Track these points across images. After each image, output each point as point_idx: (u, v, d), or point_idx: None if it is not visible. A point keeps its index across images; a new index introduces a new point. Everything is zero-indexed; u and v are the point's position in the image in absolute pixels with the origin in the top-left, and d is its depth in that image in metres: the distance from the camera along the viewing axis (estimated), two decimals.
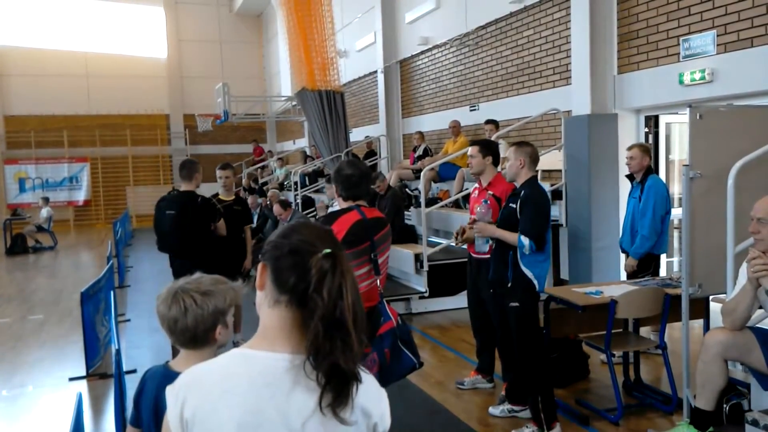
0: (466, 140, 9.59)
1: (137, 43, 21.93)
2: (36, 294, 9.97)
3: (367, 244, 3.28)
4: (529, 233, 3.91)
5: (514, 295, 4.02)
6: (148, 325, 7.28)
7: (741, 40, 5.79)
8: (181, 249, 5.39)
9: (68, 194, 21.22)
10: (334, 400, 1.22)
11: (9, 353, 6.66)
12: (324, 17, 12.51)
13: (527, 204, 3.97)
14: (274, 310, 1.30)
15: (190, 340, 1.96)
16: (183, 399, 1.24)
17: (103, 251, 13.31)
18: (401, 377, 3.42)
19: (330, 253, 1.27)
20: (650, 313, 4.44)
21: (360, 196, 3.42)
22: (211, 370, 1.27)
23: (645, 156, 5.34)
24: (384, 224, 3.44)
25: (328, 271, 1.25)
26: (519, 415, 4.41)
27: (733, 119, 4.26)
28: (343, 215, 3.33)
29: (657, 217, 5.21)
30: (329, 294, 1.23)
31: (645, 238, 5.23)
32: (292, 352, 1.26)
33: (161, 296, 1.98)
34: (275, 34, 20.78)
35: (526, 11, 8.75)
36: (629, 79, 7.07)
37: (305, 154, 16.98)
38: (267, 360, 1.25)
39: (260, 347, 1.28)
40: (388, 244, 3.46)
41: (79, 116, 21.21)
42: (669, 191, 5.50)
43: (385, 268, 3.43)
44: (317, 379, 1.21)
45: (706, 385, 3.64)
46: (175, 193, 5.61)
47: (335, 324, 1.23)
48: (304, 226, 1.37)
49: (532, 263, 3.99)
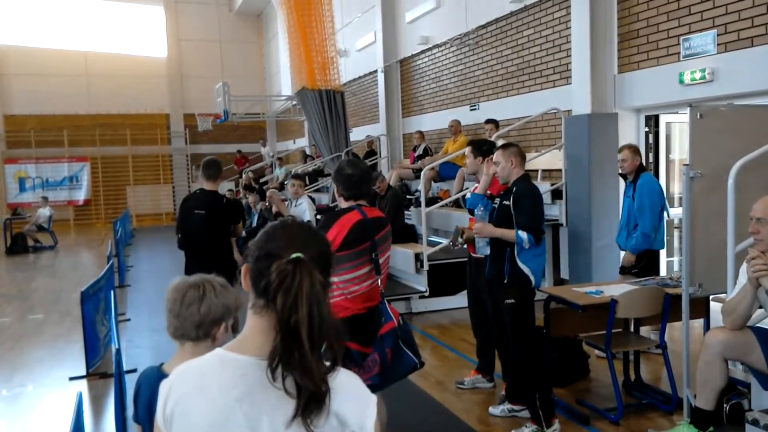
0: (466, 140, 9.58)
1: (137, 43, 21.93)
2: (36, 293, 9.97)
3: (367, 244, 3.28)
4: (527, 227, 3.94)
5: (511, 291, 4.03)
6: (149, 324, 7.28)
7: (741, 39, 5.78)
8: (207, 248, 5.36)
9: (68, 194, 21.23)
10: (303, 410, 1.18)
11: (9, 353, 6.66)
12: (324, 16, 12.51)
13: (522, 199, 4.00)
14: (253, 312, 1.30)
15: (194, 327, 1.96)
16: (167, 395, 1.27)
17: (103, 251, 13.31)
18: (402, 377, 3.42)
19: (294, 259, 1.23)
20: (650, 312, 4.45)
21: (360, 195, 3.42)
22: (191, 368, 1.29)
23: (636, 156, 5.44)
24: (385, 224, 3.44)
25: (287, 278, 1.21)
26: (519, 415, 4.41)
27: (733, 119, 4.26)
28: (344, 215, 3.33)
29: (654, 213, 5.30)
30: (284, 303, 1.19)
31: (646, 236, 5.30)
32: (262, 357, 1.23)
33: (176, 284, 2.00)
34: (275, 33, 20.78)
35: (526, 11, 8.74)
36: (629, 78, 7.07)
37: (305, 153, 16.98)
38: (239, 362, 1.25)
39: (235, 349, 1.28)
40: (388, 244, 3.46)
41: (79, 116, 21.22)
42: (661, 187, 5.60)
43: (386, 267, 3.43)
44: (284, 388, 1.19)
45: (706, 385, 3.64)
46: (200, 193, 5.57)
47: (290, 334, 1.19)
48: (282, 228, 1.34)
49: (529, 258, 4.01)
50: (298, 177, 7.08)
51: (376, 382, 3.15)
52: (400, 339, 3.26)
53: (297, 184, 7.16)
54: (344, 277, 3.25)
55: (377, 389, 3.12)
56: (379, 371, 3.18)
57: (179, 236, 5.59)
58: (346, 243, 3.23)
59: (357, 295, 3.28)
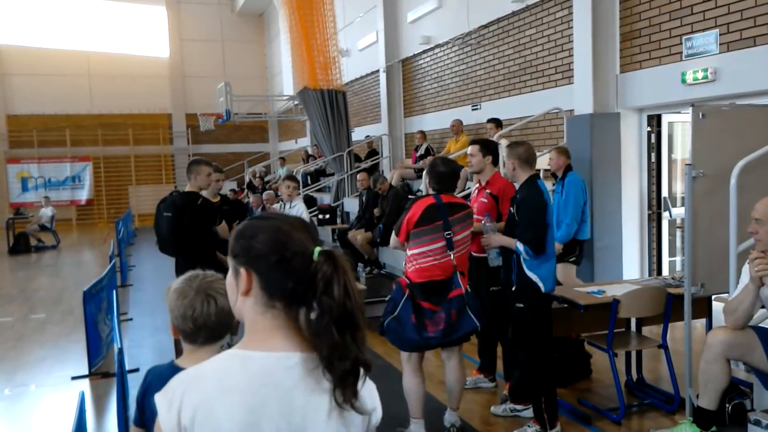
0: (467, 139, 9.58)
1: (139, 43, 21.95)
2: (38, 293, 9.99)
3: (439, 222, 3.87)
4: (524, 239, 3.86)
5: (520, 297, 3.99)
6: (151, 323, 7.29)
7: (744, 39, 5.78)
8: (178, 251, 5.25)
9: (71, 193, 21.25)
10: (352, 395, 1.24)
11: (11, 352, 6.67)
12: (326, 16, 12.51)
13: (521, 208, 3.93)
14: (268, 313, 1.29)
15: (211, 335, 1.97)
16: (179, 403, 1.20)
17: (106, 250, 13.34)
18: (465, 336, 3.99)
19: (324, 252, 1.28)
20: (652, 312, 4.44)
21: (446, 189, 4.04)
22: (207, 371, 1.25)
23: (562, 156, 6.22)
24: (461, 208, 4.02)
25: (333, 273, 1.25)
26: (521, 415, 4.41)
27: (735, 118, 4.26)
28: (421, 200, 4.01)
29: (578, 206, 6.04)
30: (339, 295, 1.25)
31: (568, 226, 6.01)
32: (289, 351, 1.25)
33: (180, 291, 1.98)
34: (277, 33, 20.78)
35: (528, 10, 8.74)
36: (631, 78, 7.06)
37: (307, 153, 16.99)
38: (264, 360, 1.24)
39: (255, 348, 1.26)
40: (465, 225, 3.98)
41: (81, 115, 21.25)
42: (585, 185, 6.29)
43: (462, 246, 3.96)
44: (332, 377, 1.23)
45: (708, 385, 3.63)
46: (175, 195, 5.42)
47: (347, 322, 1.25)
48: (278, 228, 1.31)
49: (535, 266, 3.91)
50: (292, 178, 6.82)
51: (439, 336, 3.84)
52: (467, 304, 3.85)
53: (291, 185, 6.79)
54: (418, 250, 3.90)
55: (439, 342, 3.93)
56: (443, 327, 3.81)
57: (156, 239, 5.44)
58: (419, 221, 3.88)
59: (431, 265, 3.87)
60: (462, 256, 3.99)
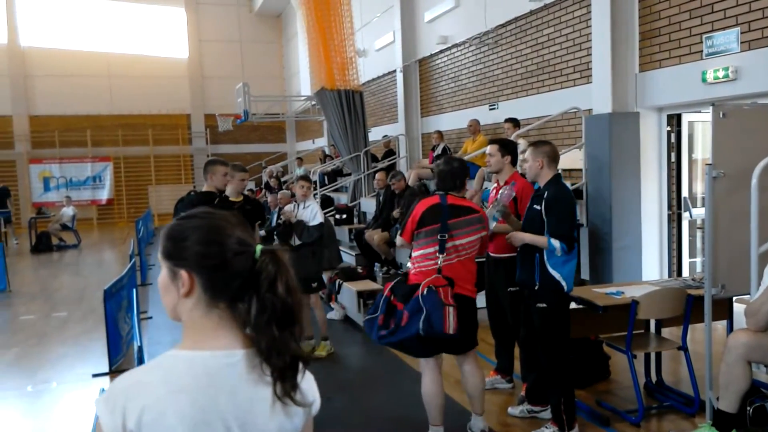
0: (485, 139, 9.55)
1: (159, 44, 22.18)
2: (60, 291, 10.13)
3: (436, 225, 3.77)
4: (559, 235, 3.83)
5: (543, 296, 3.94)
6: (170, 322, 7.34)
7: (765, 37, 5.69)
8: None
9: (91, 193, 21.52)
10: (291, 388, 1.27)
11: (33, 350, 6.77)
12: (343, 17, 12.53)
13: (554, 205, 3.87)
14: (211, 313, 1.30)
15: None
16: (123, 408, 1.20)
17: (126, 249, 13.49)
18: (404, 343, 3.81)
19: (267, 251, 1.30)
20: (672, 314, 4.40)
21: (449, 188, 3.94)
22: (152, 374, 1.26)
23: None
24: (467, 212, 3.87)
25: (277, 272, 1.28)
26: (539, 416, 4.39)
27: (757, 118, 4.20)
28: (425, 199, 3.97)
29: None
30: (282, 292, 1.27)
31: None
32: (233, 349, 1.28)
33: None
34: (295, 33, 20.88)
35: (546, 9, 8.69)
36: (651, 77, 6.99)
37: (325, 153, 17.04)
38: (209, 359, 1.26)
39: (199, 347, 1.28)
40: (470, 230, 3.83)
41: (101, 116, 21.51)
42: None
43: (463, 252, 3.81)
44: (272, 372, 1.26)
45: (729, 387, 3.59)
46: (193, 195, 5.49)
47: (288, 318, 1.27)
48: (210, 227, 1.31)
49: (559, 264, 3.89)
50: (306, 178, 6.77)
51: (385, 335, 3.71)
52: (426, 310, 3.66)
53: (305, 186, 6.58)
54: (418, 252, 3.84)
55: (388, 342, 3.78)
56: (392, 327, 3.68)
57: None
58: (421, 222, 3.83)
59: (431, 269, 3.75)
60: (461, 264, 3.81)
